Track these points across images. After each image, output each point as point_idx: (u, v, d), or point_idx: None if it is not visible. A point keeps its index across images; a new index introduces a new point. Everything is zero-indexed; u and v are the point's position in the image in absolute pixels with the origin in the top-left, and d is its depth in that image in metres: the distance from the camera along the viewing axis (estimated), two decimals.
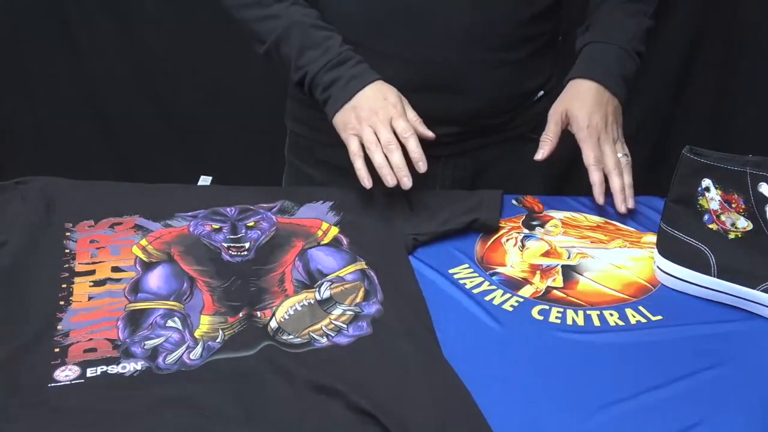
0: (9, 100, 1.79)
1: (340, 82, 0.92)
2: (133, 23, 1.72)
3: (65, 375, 0.63)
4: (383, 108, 0.90)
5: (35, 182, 0.90)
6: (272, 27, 0.96)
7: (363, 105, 0.90)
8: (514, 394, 0.65)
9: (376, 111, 0.90)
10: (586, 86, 0.98)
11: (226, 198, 0.92)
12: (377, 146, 0.88)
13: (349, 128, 0.91)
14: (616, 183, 0.94)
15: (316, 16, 0.97)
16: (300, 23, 0.95)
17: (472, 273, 0.83)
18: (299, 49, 0.94)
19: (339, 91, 0.92)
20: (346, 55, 0.94)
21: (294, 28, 0.94)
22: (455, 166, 1.07)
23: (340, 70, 0.93)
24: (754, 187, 0.73)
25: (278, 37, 0.95)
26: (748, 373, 0.69)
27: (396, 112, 0.90)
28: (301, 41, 0.94)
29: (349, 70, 0.93)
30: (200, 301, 0.73)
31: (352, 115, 0.91)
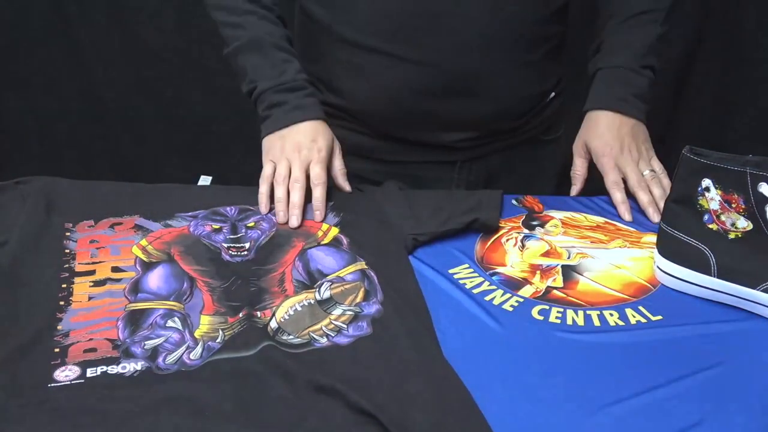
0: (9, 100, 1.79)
1: (284, 107, 0.94)
2: (133, 23, 1.71)
3: (65, 375, 0.63)
4: (307, 149, 0.91)
5: (35, 182, 0.90)
6: (236, 35, 0.97)
7: (291, 138, 0.92)
8: (514, 394, 0.65)
9: (300, 149, 0.91)
10: (599, 116, 1.00)
11: (226, 198, 0.92)
12: (284, 181, 0.90)
13: (270, 155, 0.93)
14: (642, 199, 0.97)
15: (282, 36, 0.98)
16: (262, 40, 0.96)
17: (472, 273, 0.83)
18: (254, 64, 0.96)
19: (279, 116, 0.94)
20: (299, 84, 0.95)
21: (255, 44, 0.96)
22: (470, 170, 1.07)
23: (288, 96, 0.94)
24: (754, 187, 0.73)
25: (238, 47, 0.97)
26: (748, 373, 0.69)
27: (317, 157, 0.91)
28: (260, 57, 0.96)
29: (296, 100, 0.95)
30: (200, 301, 0.73)
31: (278, 144, 0.93)
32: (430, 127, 1.01)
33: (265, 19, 0.98)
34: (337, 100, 1.03)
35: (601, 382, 0.67)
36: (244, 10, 0.97)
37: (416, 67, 0.96)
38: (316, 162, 0.91)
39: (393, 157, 1.06)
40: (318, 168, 0.91)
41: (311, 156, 0.91)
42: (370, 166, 1.06)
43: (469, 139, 1.02)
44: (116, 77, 1.77)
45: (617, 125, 0.99)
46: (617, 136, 0.99)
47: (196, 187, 1.00)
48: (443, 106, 0.98)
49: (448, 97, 0.98)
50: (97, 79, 1.77)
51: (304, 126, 0.93)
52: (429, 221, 0.90)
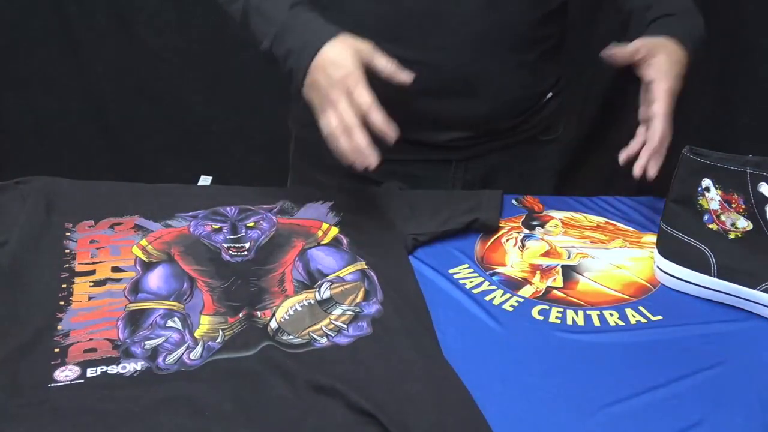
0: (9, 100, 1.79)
1: (292, 55, 0.86)
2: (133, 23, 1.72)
3: (65, 375, 0.63)
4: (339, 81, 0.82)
5: (35, 182, 0.90)
6: (235, 9, 0.91)
7: (318, 81, 0.83)
8: (514, 394, 0.65)
9: (332, 87, 0.82)
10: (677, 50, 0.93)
11: (227, 198, 0.92)
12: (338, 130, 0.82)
13: (317, 110, 0.86)
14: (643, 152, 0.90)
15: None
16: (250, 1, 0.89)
17: (472, 273, 0.83)
18: (255, 26, 0.89)
19: (295, 66, 0.86)
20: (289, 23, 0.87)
21: (248, 6, 0.90)
22: (466, 169, 1.07)
23: (289, 40, 0.86)
24: (754, 187, 0.73)
25: (240, 21, 0.91)
26: (748, 373, 0.69)
27: (351, 82, 0.82)
28: (255, 18, 0.89)
29: (297, 38, 0.86)
30: (200, 301, 0.73)
31: (313, 94, 0.85)
32: (425, 126, 1.00)
33: None
34: None
35: (601, 382, 0.67)
36: None
37: (411, 66, 0.96)
38: (354, 87, 0.82)
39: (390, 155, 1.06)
40: (358, 92, 0.81)
41: (346, 85, 0.82)
42: None
43: (465, 138, 1.02)
44: (116, 77, 1.77)
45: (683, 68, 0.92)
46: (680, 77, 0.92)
47: (196, 187, 1.00)
48: (439, 105, 0.98)
49: (444, 97, 0.98)
50: (97, 79, 1.77)
51: (319, 60, 0.84)
52: (429, 221, 0.90)
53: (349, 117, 0.81)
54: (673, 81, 0.91)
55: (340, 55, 0.84)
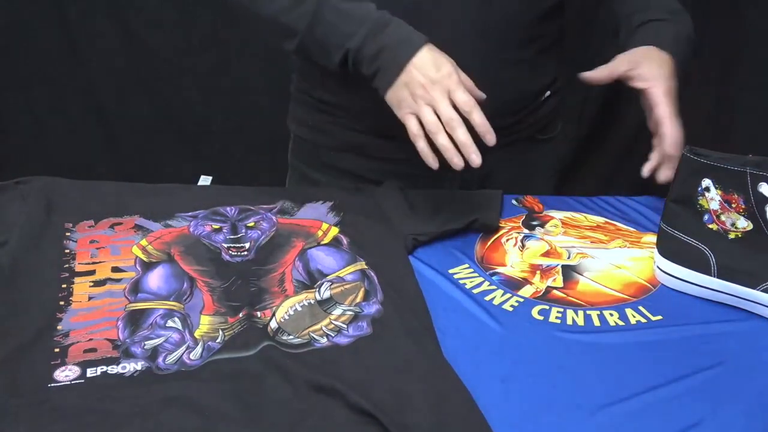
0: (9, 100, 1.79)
1: (385, 52, 0.85)
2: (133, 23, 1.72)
3: (65, 375, 0.63)
4: (439, 80, 0.83)
5: (35, 182, 0.90)
6: (302, 13, 0.89)
7: (416, 79, 0.83)
8: (514, 394, 0.65)
9: (432, 85, 0.83)
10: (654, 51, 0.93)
11: (227, 198, 0.92)
12: (438, 126, 0.82)
13: (405, 106, 0.85)
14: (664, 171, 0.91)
15: None
16: (326, 1, 0.88)
17: (472, 273, 0.83)
18: (333, 28, 0.88)
19: (387, 63, 0.85)
20: (383, 21, 0.86)
21: (323, 7, 0.88)
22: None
23: (382, 38, 0.85)
24: (754, 187, 0.73)
25: (310, 22, 0.88)
26: (749, 373, 0.69)
27: (453, 83, 0.83)
28: (334, 19, 0.88)
29: (391, 37, 0.85)
30: (200, 301, 0.73)
31: (405, 92, 0.84)
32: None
33: None
34: (332, 97, 1.03)
35: (601, 382, 0.67)
36: None
37: None
38: (455, 89, 0.82)
39: (388, 154, 1.06)
40: (460, 93, 0.82)
41: (446, 86, 0.83)
42: (366, 164, 1.06)
43: None
44: (116, 77, 1.77)
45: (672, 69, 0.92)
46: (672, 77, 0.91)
47: (196, 187, 1.00)
48: None
49: None
50: (96, 79, 1.77)
51: (418, 59, 0.84)
52: (429, 221, 0.90)
53: (452, 114, 0.81)
54: (666, 82, 0.91)
55: (439, 57, 0.85)
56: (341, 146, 1.05)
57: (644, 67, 0.92)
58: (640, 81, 0.92)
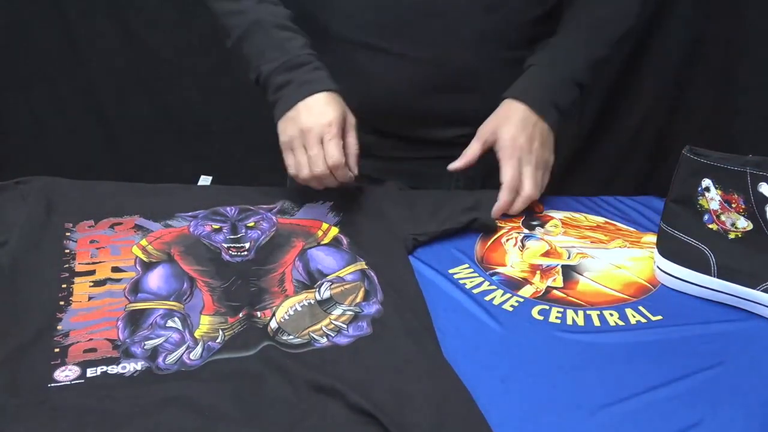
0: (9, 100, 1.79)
1: (290, 86, 0.90)
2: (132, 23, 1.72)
3: (65, 375, 0.63)
4: (318, 127, 0.87)
5: (35, 182, 0.90)
6: (237, 23, 0.94)
7: (301, 120, 0.88)
8: (514, 394, 0.65)
9: (311, 128, 0.87)
10: (515, 107, 0.95)
11: (227, 198, 0.92)
12: (303, 166, 0.88)
13: (284, 137, 0.90)
14: (516, 207, 0.93)
15: (285, 15, 0.94)
16: (264, 22, 0.92)
17: (472, 273, 0.83)
18: (258, 48, 0.92)
19: (286, 97, 0.90)
20: (303, 59, 0.91)
21: (257, 27, 0.92)
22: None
23: (293, 74, 0.90)
24: (754, 187, 0.73)
25: (240, 35, 0.93)
26: (748, 373, 0.69)
27: (329, 133, 0.87)
28: (262, 41, 0.92)
29: (303, 75, 0.90)
30: (200, 302, 0.73)
31: (289, 128, 0.89)
32: (426, 123, 1.01)
33: (265, 1, 0.95)
34: None
35: (601, 382, 0.67)
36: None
37: (411, 63, 0.96)
38: (329, 139, 0.87)
39: (390, 153, 1.06)
40: (331, 146, 0.87)
41: (321, 133, 0.87)
42: (368, 163, 1.06)
43: (466, 135, 1.02)
44: (116, 77, 1.77)
45: (532, 122, 0.94)
46: (530, 132, 0.94)
47: (196, 187, 1.00)
48: (439, 102, 0.98)
49: (444, 94, 0.98)
50: (96, 80, 1.77)
51: (312, 101, 0.88)
52: (428, 222, 0.90)
53: (320, 167, 0.87)
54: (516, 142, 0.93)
55: (330, 105, 0.88)
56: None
57: (500, 130, 0.94)
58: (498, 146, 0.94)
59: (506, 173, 0.92)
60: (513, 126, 0.94)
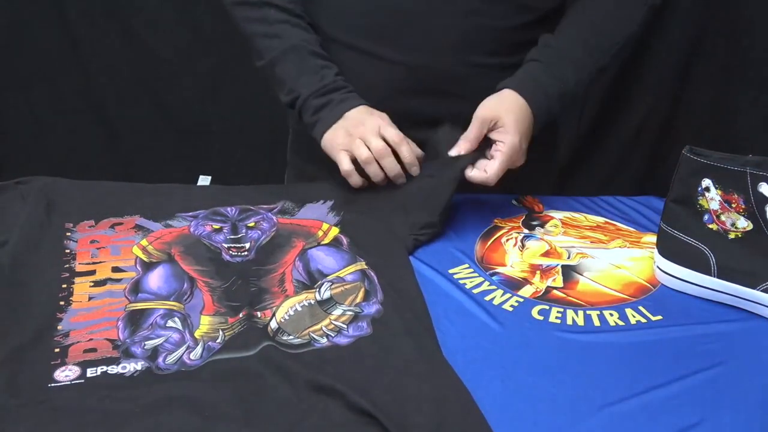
0: (9, 100, 1.79)
1: (330, 105, 0.95)
2: (133, 23, 1.72)
3: (65, 375, 0.63)
4: (369, 119, 0.92)
5: (36, 182, 0.90)
6: (272, 46, 0.97)
7: (348, 123, 0.93)
8: (514, 394, 0.65)
9: (363, 122, 0.92)
10: (518, 101, 0.94)
11: (227, 198, 0.92)
12: (370, 158, 0.91)
13: (338, 144, 0.93)
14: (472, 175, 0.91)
15: (316, 41, 0.98)
16: (299, 48, 0.97)
17: (472, 273, 0.84)
18: (296, 72, 0.96)
19: (328, 113, 0.95)
20: (339, 84, 0.96)
21: (292, 52, 0.96)
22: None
23: (331, 96, 0.95)
24: (754, 187, 0.73)
25: (275, 57, 0.97)
26: (748, 373, 0.69)
27: (383, 122, 0.92)
28: (299, 65, 0.96)
29: (339, 95, 0.95)
30: (200, 302, 0.73)
31: (339, 134, 0.93)
32: (410, 125, 1.01)
33: (298, 26, 0.98)
34: None
35: (601, 382, 0.67)
36: (277, 20, 0.98)
37: (394, 66, 0.96)
38: (386, 126, 0.92)
39: None
40: (390, 129, 0.92)
41: (377, 123, 0.92)
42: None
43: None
44: (116, 77, 1.77)
45: (529, 123, 0.94)
46: (528, 135, 0.94)
47: (197, 187, 1.00)
48: (424, 105, 0.98)
49: (428, 97, 0.98)
50: (97, 79, 1.77)
51: (355, 111, 0.94)
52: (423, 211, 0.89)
53: (381, 144, 0.91)
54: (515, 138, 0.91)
55: (371, 110, 0.95)
56: None
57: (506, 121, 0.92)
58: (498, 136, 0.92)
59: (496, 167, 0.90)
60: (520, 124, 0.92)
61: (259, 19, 0.98)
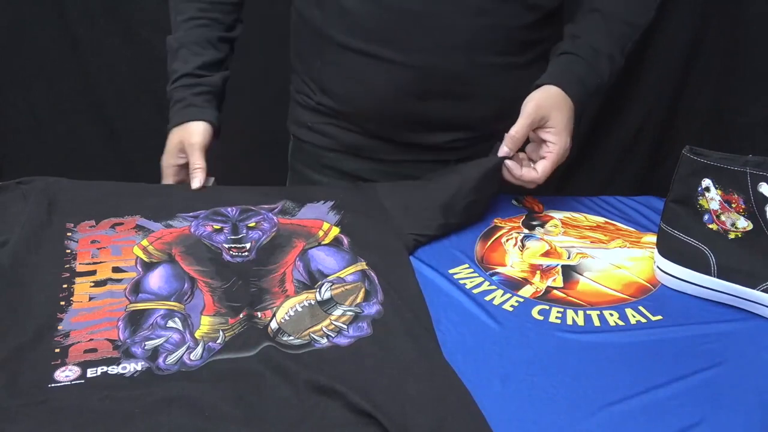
0: (9, 100, 1.79)
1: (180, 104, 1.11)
2: (133, 23, 1.71)
3: (65, 375, 0.63)
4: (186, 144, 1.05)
5: (37, 182, 0.90)
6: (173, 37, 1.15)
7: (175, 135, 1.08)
8: (514, 394, 0.65)
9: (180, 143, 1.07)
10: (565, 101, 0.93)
11: (228, 198, 0.92)
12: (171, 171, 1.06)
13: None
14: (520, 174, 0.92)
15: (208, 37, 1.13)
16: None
17: (472, 273, 0.84)
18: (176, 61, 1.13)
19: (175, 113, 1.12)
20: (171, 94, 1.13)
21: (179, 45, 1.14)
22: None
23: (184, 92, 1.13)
24: (754, 187, 0.73)
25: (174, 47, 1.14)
26: (748, 373, 0.69)
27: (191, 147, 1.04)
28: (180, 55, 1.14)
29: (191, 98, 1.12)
30: (201, 302, 0.73)
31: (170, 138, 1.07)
32: (416, 128, 1.01)
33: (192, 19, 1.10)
34: (329, 101, 1.03)
35: (601, 382, 0.67)
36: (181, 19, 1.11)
37: (403, 69, 0.96)
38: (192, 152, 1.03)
39: (387, 156, 1.06)
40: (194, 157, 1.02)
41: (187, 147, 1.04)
42: (365, 165, 1.06)
43: (459, 140, 1.02)
44: (116, 77, 1.77)
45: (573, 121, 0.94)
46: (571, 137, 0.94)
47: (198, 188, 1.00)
48: (431, 107, 0.98)
49: (436, 99, 0.98)
50: (97, 79, 1.77)
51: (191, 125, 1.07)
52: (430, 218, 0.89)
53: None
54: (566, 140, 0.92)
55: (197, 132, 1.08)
56: (341, 148, 1.05)
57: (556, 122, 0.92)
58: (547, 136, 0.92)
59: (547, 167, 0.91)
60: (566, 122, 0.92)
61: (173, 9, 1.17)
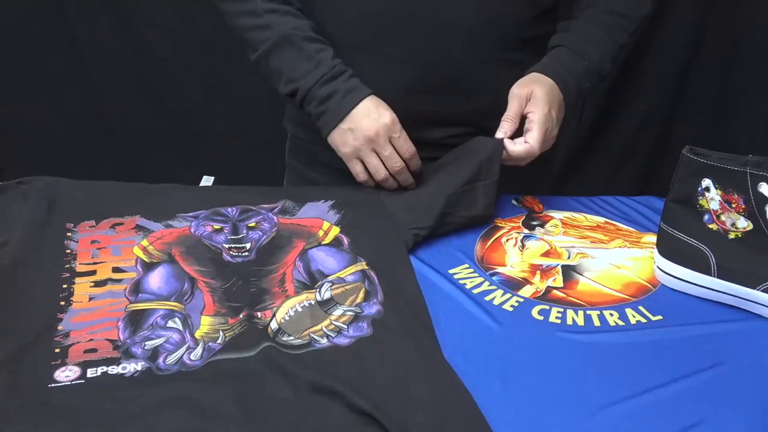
0: (9, 100, 1.79)
1: (335, 97, 0.93)
2: (133, 23, 1.72)
3: (65, 375, 0.63)
4: (382, 128, 0.92)
5: (37, 182, 0.90)
6: (263, 37, 0.96)
7: (359, 125, 0.92)
8: (514, 394, 0.65)
9: (376, 133, 0.92)
10: (546, 79, 0.96)
11: (228, 198, 0.92)
12: (383, 171, 0.93)
13: (349, 151, 0.94)
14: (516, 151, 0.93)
15: (309, 27, 0.97)
16: (291, 36, 0.95)
17: (472, 273, 0.84)
18: (291, 61, 0.95)
19: (334, 107, 0.93)
20: (339, 69, 0.94)
21: (285, 41, 0.95)
22: None
23: (334, 84, 0.94)
24: (754, 187, 0.73)
25: (268, 49, 0.95)
26: (748, 373, 0.69)
27: (394, 130, 0.92)
28: (293, 54, 0.95)
29: (343, 84, 0.94)
30: (201, 302, 0.73)
31: (350, 137, 0.93)
32: (417, 124, 1.01)
33: (289, 14, 0.97)
34: None
35: (601, 382, 0.67)
36: (265, 10, 0.96)
37: (402, 65, 0.96)
38: (398, 137, 0.93)
39: None
40: (401, 141, 0.93)
41: (388, 131, 0.92)
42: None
43: (458, 135, 1.02)
44: (116, 77, 1.77)
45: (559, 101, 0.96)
46: (559, 109, 0.96)
47: (197, 188, 1.00)
48: (429, 103, 0.98)
49: (434, 95, 0.98)
50: (97, 79, 1.77)
51: (363, 107, 0.93)
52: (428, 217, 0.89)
53: (398, 162, 0.93)
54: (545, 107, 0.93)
55: (381, 106, 0.93)
56: None
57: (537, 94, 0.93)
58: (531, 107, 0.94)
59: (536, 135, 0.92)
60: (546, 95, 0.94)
61: (247, 12, 0.97)
